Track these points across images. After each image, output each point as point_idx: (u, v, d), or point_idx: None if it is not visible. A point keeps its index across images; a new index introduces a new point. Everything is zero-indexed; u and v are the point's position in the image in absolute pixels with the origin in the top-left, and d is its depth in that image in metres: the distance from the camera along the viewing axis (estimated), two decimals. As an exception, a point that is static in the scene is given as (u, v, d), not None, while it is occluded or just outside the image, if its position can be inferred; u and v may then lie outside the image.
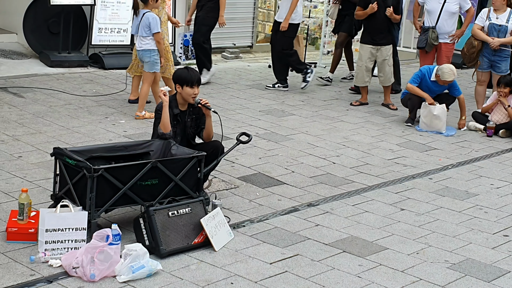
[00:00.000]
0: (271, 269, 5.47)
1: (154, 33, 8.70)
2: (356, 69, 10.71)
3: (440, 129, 9.55)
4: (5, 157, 7.21)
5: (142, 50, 8.84)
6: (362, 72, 10.55)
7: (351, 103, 10.65)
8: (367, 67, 10.54)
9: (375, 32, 10.43)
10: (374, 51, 10.49)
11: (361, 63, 10.59)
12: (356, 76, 10.67)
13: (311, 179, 7.49)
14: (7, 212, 5.85)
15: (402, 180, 7.74)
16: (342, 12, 11.71)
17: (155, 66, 8.86)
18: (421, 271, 5.65)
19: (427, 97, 9.58)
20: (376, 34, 10.44)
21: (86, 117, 8.76)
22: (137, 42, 8.93)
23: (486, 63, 10.33)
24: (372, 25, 10.41)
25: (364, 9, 10.38)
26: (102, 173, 5.45)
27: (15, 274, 5.04)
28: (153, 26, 8.67)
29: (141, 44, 8.82)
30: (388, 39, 10.55)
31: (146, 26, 8.72)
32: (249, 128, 8.94)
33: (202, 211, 5.77)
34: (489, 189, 7.71)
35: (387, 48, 10.54)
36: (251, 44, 13.79)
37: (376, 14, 10.31)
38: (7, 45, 11.46)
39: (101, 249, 5.09)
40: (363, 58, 10.55)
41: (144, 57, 8.86)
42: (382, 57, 10.51)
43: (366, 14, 10.36)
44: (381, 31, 10.44)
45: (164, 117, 6.25)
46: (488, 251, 6.13)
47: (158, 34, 8.71)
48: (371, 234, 6.26)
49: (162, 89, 6.36)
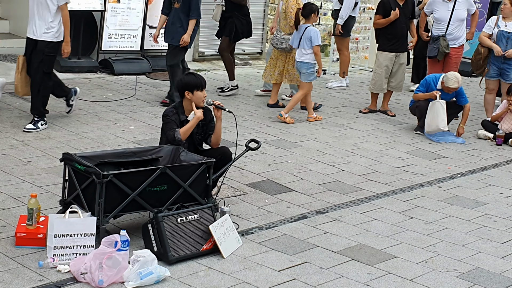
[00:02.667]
0: (280, 276, 5.46)
1: (315, 45, 9.56)
2: (374, 76, 10.64)
3: (439, 124, 9.49)
4: (14, 162, 7.23)
5: (300, 62, 9.72)
6: (381, 80, 10.51)
7: (360, 111, 10.64)
8: (386, 73, 10.51)
9: (396, 39, 10.42)
10: (394, 58, 10.48)
11: (380, 70, 10.52)
12: (375, 84, 10.60)
13: (319, 186, 7.48)
14: (16, 217, 5.86)
15: (411, 188, 7.72)
16: (225, 14, 10.74)
17: (311, 76, 9.76)
18: (430, 280, 5.63)
19: (432, 95, 9.56)
20: (397, 41, 10.43)
21: (95, 122, 8.78)
22: (297, 53, 9.76)
23: (495, 71, 10.31)
24: (393, 32, 10.40)
25: (384, 16, 10.37)
26: (111, 179, 5.45)
27: (23, 279, 5.04)
28: (314, 39, 9.58)
29: (300, 56, 9.70)
30: (406, 46, 10.57)
31: (308, 39, 9.59)
32: (258, 134, 8.94)
33: (210, 217, 5.77)
34: (498, 198, 7.68)
35: (405, 55, 10.59)
36: (260, 50, 13.80)
37: (396, 21, 10.32)
38: (18, 50, 11.46)
39: (110, 255, 5.09)
40: (382, 66, 10.50)
41: (301, 68, 9.74)
42: (398, 63, 10.51)
43: (389, 22, 10.33)
44: (401, 38, 10.46)
45: (189, 127, 6.31)
46: (497, 260, 6.11)
47: (318, 47, 9.62)
48: (380, 242, 6.24)
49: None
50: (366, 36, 13.55)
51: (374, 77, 10.68)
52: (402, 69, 10.57)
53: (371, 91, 10.75)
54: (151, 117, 9.19)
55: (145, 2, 11.48)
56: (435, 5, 10.69)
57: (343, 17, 11.61)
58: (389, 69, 10.52)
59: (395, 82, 10.62)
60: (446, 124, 9.53)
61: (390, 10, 10.33)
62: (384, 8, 10.41)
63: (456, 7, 10.53)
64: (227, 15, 10.67)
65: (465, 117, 9.79)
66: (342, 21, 11.61)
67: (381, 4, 10.55)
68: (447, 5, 10.54)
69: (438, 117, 9.48)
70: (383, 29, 10.48)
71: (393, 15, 10.30)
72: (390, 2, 10.36)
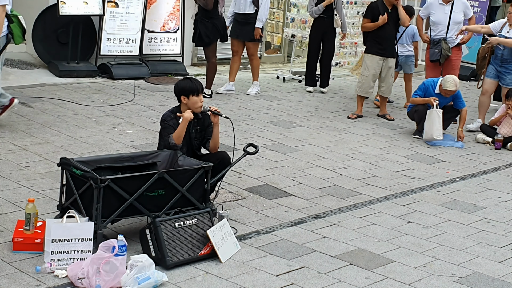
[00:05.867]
0: (278, 281, 5.45)
1: (414, 41, 11.29)
2: (361, 79, 10.66)
3: (433, 134, 9.48)
4: (12, 166, 7.22)
5: (405, 56, 11.26)
6: (368, 82, 10.52)
7: (348, 117, 10.58)
8: (374, 76, 10.52)
9: (384, 43, 10.42)
10: (381, 62, 10.49)
11: (367, 73, 10.54)
12: (361, 86, 10.61)
13: (318, 191, 7.48)
14: (14, 222, 5.85)
15: (410, 192, 7.72)
16: (195, 17, 10.71)
17: (413, 67, 11.45)
18: (428, 284, 5.62)
19: (429, 100, 9.55)
20: (385, 45, 10.44)
21: (93, 127, 8.77)
22: (400, 48, 11.10)
23: (493, 71, 10.32)
24: (381, 36, 10.41)
25: (372, 21, 10.39)
26: (108, 183, 5.45)
27: (21, 284, 5.03)
28: (415, 36, 11.22)
29: (403, 51, 11.24)
30: (393, 51, 10.56)
31: (410, 36, 11.22)
32: (257, 139, 8.93)
33: (208, 222, 5.76)
34: (497, 202, 7.67)
35: (393, 60, 10.57)
36: (259, 55, 13.78)
37: (385, 26, 10.33)
38: (16, 55, 11.49)
39: (107, 260, 5.08)
40: (370, 68, 10.52)
41: (407, 61, 11.30)
42: (387, 67, 10.51)
43: (376, 26, 10.35)
44: (389, 42, 10.46)
45: (181, 129, 6.27)
46: (495, 265, 6.10)
47: (417, 42, 11.34)
48: (378, 247, 6.23)
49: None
50: (365, 40, 13.54)
51: (360, 79, 10.69)
52: (390, 73, 10.57)
53: (357, 94, 10.70)
54: (149, 122, 9.18)
55: (144, 7, 11.48)
56: (431, 8, 10.69)
57: (263, 20, 11.03)
58: (377, 73, 10.53)
59: (385, 86, 10.62)
60: (441, 133, 9.53)
61: (378, 14, 10.34)
62: (373, 12, 10.42)
63: (453, 9, 10.54)
64: (196, 18, 10.64)
65: (463, 121, 9.79)
66: (261, 24, 11.06)
67: (369, 9, 10.55)
68: (444, 7, 10.55)
69: (433, 126, 9.48)
70: (371, 33, 10.50)
71: (381, 20, 10.30)
72: (379, 7, 10.37)
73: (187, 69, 12.05)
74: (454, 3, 10.54)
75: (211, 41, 10.61)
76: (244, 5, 10.92)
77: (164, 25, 11.90)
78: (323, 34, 11.64)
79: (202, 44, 10.68)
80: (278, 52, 14.25)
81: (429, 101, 9.55)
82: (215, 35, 10.59)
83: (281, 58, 14.22)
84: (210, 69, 10.79)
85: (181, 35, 12.00)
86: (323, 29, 11.60)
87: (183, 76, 10.28)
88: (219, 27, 10.56)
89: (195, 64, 12.76)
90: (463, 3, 10.68)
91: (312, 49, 11.82)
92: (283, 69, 13.46)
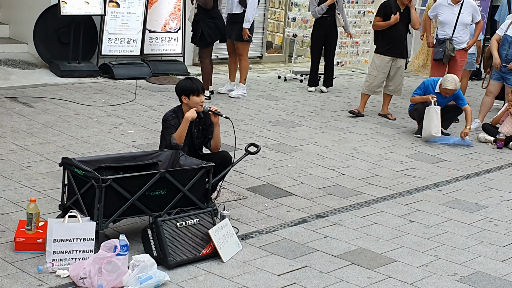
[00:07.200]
0: (279, 281, 5.45)
1: None
2: (369, 78, 10.64)
3: (431, 131, 9.47)
4: (14, 166, 7.22)
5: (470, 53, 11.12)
6: (376, 82, 10.51)
7: (349, 111, 10.58)
8: (382, 77, 10.51)
9: (393, 43, 10.42)
10: (390, 62, 10.48)
11: (375, 72, 10.52)
12: (369, 85, 10.60)
13: (319, 190, 7.47)
14: (16, 222, 5.85)
15: (412, 192, 7.71)
16: (196, 17, 10.50)
17: (474, 65, 11.80)
18: (430, 284, 5.62)
19: (427, 98, 9.54)
20: (394, 45, 10.43)
21: (95, 127, 8.77)
22: None
23: (497, 73, 10.32)
24: (392, 36, 10.40)
25: (384, 19, 10.39)
26: (110, 183, 5.45)
27: (22, 284, 5.03)
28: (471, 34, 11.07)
29: None
30: (402, 52, 10.55)
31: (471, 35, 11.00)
32: (258, 138, 8.93)
33: (210, 222, 5.76)
34: (499, 201, 7.67)
35: (403, 60, 10.59)
36: (260, 54, 13.80)
37: (396, 25, 10.33)
38: (18, 55, 11.49)
39: (109, 259, 5.08)
40: (378, 68, 10.50)
41: (468, 58, 11.09)
42: (396, 67, 10.51)
43: (388, 25, 10.35)
44: (399, 42, 10.46)
45: (182, 129, 6.27)
46: (498, 264, 6.09)
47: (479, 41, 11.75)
48: (380, 246, 6.23)
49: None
50: (366, 39, 13.54)
51: (368, 78, 10.67)
52: (400, 73, 10.56)
53: (363, 92, 10.69)
54: (151, 122, 9.18)
55: (145, 7, 11.48)
56: (440, 8, 10.66)
57: (250, 20, 10.81)
58: (386, 73, 10.52)
59: (393, 85, 10.62)
60: (439, 130, 9.52)
61: (390, 13, 10.34)
62: (385, 11, 10.43)
63: (461, 11, 10.52)
64: (196, 18, 10.48)
65: (469, 119, 9.74)
66: (249, 24, 10.81)
67: (382, 7, 10.57)
68: (452, 8, 10.53)
69: (431, 123, 9.48)
70: (382, 32, 10.48)
71: (393, 19, 10.31)
72: (392, 6, 10.37)
73: (188, 69, 12.05)
74: (464, 5, 10.49)
75: (213, 41, 10.57)
76: (232, 5, 10.90)
77: (165, 25, 11.90)
78: (326, 34, 11.63)
79: (204, 44, 10.60)
80: (279, 51, 14.25)
81: (427, 98, 9.55)
82: (217, 35, 10.55)
83: (282, 57, 14.21)
84: (205, 70, 10.65)
85: (182, 35, 11.99)
86: (325, 29, 11.59)
87: (185, 76, 10.30)
88: (221, 27, 10.54)
89: (196, 64, 12.72)
90: (473, 6, 10.63)
91: (314, 49, 11.81)
92: (284, 69, 13.45)
